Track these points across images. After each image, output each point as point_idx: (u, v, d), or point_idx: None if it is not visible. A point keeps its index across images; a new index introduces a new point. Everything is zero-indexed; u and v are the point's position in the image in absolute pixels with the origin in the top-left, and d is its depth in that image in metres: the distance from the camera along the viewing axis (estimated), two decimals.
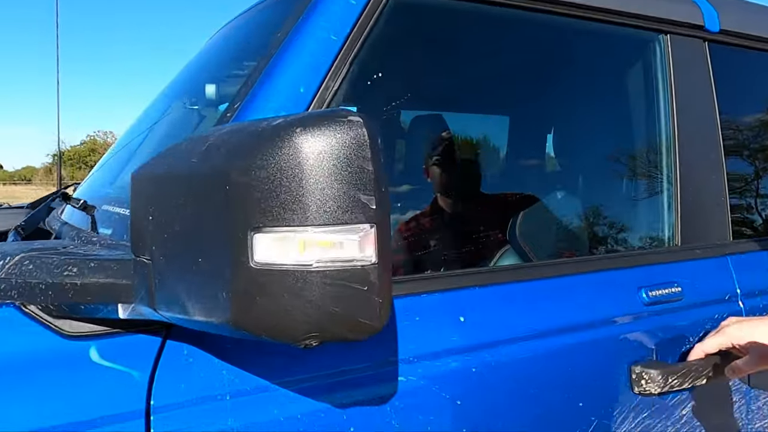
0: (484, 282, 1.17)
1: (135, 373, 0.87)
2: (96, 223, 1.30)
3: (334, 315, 0.61)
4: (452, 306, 1.10)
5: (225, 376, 0.91)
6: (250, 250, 0.61)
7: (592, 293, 1.31)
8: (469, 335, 1.11)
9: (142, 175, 0.75)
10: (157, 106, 1.94)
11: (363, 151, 0.61)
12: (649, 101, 1.65)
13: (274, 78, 1.09)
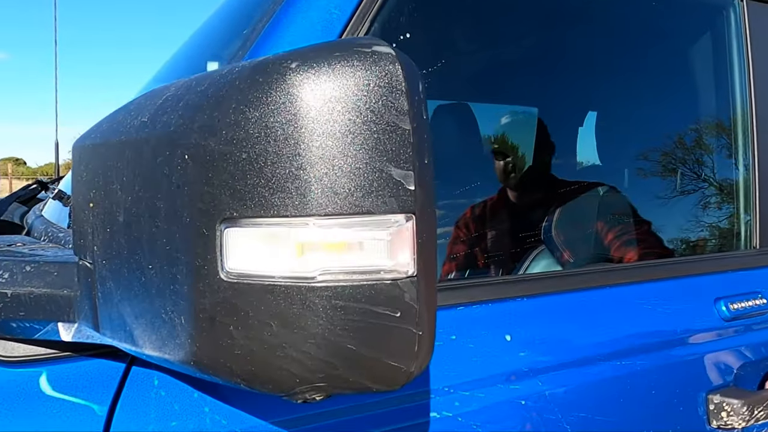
0: (535, 291, 0.95)
1: (92, 410, 0.67)
2: (68, 214, 1.10)
3: (349, 356, 0.39)
4: (496, 321, 0.88)
5: (207, 415, 0.69)
6: (220, 252, 0.39)
7: (660, 306, 1.08)
8: (517, 358, 0.88)
9: (82, 145, 0.54)
10: (152, 85, 1.74)
11: (397, 99, 0.38)
12: (720, 78, 1.40)
13: (276, 35, 0.87)
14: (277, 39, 0.87)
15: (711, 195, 1.42)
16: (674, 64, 1.47)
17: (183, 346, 0.41)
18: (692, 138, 1.42)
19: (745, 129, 1.34)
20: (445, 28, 1.16)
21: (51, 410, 0.65)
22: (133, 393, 0.68)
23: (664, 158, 1.48)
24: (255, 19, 1.04)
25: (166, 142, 0.41)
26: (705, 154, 1.43)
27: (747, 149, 1.33)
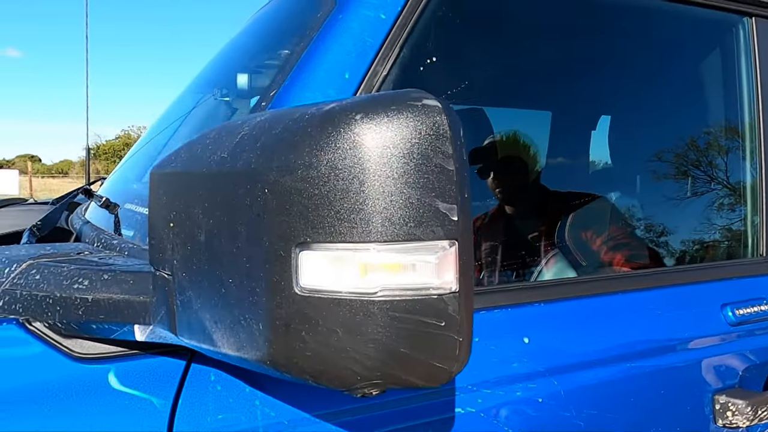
0: (551, 297, 1.02)
1: (156, 402, 0.75)
2: (119, 224, 1.18)
3: (402, 357, 0.47)
4: (515, 325, 0.96)
5: (258, 408, 0.78)
6: (295, 271, 0.47)
7: (669, 312, 1.14)
8: (535, 359, 0.96)
9: (162, 172, 0.62)
10: (185, 97, 1.83)
11: (443, 144, 0.46)
12: (729, 91, 1.46)
13: (314, 62, 0.95)
14: (316, 64, 0.95)
15: (719, 203, 1.48)
16: (686, 77, 1.53)
17: (260, 348, 0.50)
18: (701, 148, 1.48)
19: (753, 140, 1.39)
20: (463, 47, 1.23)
21: (120, 403, 0.74)
22: (193, 387, 0.77)
23: (674, 167, 1.54)
24: (292, 42, 1.13)
25: (247, 177, 0.49)
26: (713, 164, 1.49)
27: (755, 159, 1.39)
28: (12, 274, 0.79)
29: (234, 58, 1.67)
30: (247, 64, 1.65)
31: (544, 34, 1.22)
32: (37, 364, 0.72)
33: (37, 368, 0.71)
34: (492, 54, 1.18)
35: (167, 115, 1.80)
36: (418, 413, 0.85)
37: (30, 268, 0.78)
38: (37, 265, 0.78)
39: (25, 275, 0.78)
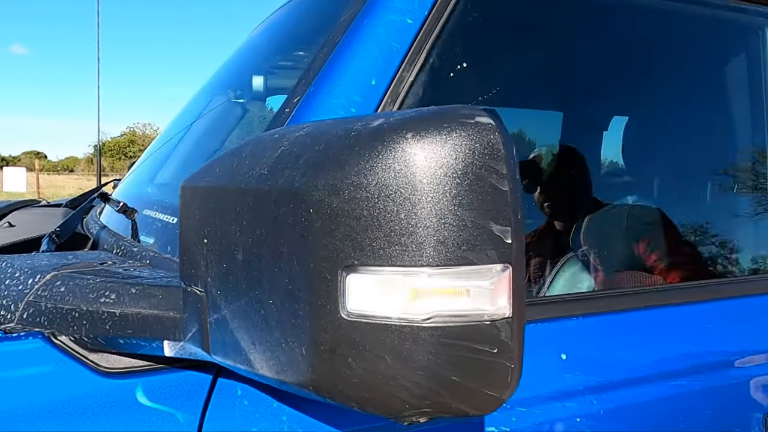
0: (589, 310, 0.96)
1: (181, 417, 0.74)
2: (137, 230, 1.17)
3: (453, 385, 0.45)
4: (552, 339, 0.91)
5: (285, 423, 0.76)
6: (342, 295, 0.45)
7: (720, 327, 1.07)
8: (573, 376, 0.90)
9: (193, 186, 0.60)
10: (200, 99, 1.81)
11: (497, 164, 0.44)
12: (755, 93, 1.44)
13: (340, 68, 0.93)
14: (343, 70, 0.93)
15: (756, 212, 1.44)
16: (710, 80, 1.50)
17: (303, 372, 0.48)
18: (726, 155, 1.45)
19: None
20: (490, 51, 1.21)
21: (148, 418, 0.72)
22: (220, 402, 0.75)
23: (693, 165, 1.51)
24: (315, 47, 1.11)
25: (290, 196, 0.47)
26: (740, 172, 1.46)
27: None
28: (36, 285, 0.78)
29: (251, 61, 1.66)
30: (265, 67, 1.63)
31: (572, 37, 1.20)
32: (64, 378, 0.70)
33: (64, 383, 0.70)
34: (519, 57, 1.16)
35: (182, 117, 1.79)
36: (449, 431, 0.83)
37: (54, 279, 0.77)
38: (62, 277, 0.77)
39: (50, 287, 0.76)
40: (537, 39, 1.16)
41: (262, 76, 1.72)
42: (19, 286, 0.80)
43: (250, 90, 1.71)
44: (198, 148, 1.50)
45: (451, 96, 1.05)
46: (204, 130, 1.60)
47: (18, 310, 0.77)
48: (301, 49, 1.38)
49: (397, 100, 0.92)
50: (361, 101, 0.91)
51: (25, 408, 0.68)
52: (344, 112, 0.90)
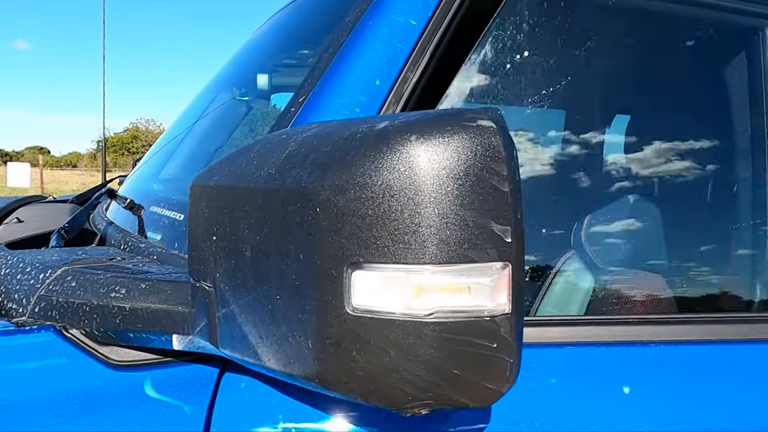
0: (666, 337, 0.80)
1: (191, 410, 0.76)
2: (144, 226, 1.19)
3: (454, 378, 0.47)
4: (611, 368, 0.77)
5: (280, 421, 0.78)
6: (347, 291, 0.47)
7: None
8: (637, 417, 0.74)
9: (203, 185, 0.62)
10: (205, 96, 1.83)
11: (498, 166, 0.46)
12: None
13: (345, 68, 0.95)
14: (348, 70, 0.95)
15: None
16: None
17: (309, 365, 0.50)
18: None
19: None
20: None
21: (156, 410, 0.74)
22: (226, 395, 0.77)
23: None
24: (319, 46, 1.12)
25: (297, 195, 0.49)
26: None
27: None
28: (47, 280, 0.80)
29: (256, 59, 1.67)
30: (270, 66, 1.65)
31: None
32: (75, 370, 0.72)
33: (75, 375, 0.72)
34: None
35: (187, 114, 1.81)
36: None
37: (65, 274, 0.79)
38: (72, 272, 0.79)
39: (61, 282, 0.78)
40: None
41: (267, 74, 1.74)
42: (30, 280, 0.82)
43: (254, 88, 1.73)
44: (203, 145, 1.52)
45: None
46: (209, 128, 1.62)
47: (30, 304, 0.79)
48: (305, 48, 1.39)
49: (401, 100, 0.94)
50: (366, 101, 0.92)
51: (37, 398, 0.70)
52: (349, 111, 0.91)
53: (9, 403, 0.69)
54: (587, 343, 0.76)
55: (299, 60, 1.49)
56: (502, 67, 1.12)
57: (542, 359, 0.73)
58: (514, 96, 1.21)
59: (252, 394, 0.77)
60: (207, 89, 1.84)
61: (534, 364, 0.71)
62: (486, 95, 1.10)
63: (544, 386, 0.71)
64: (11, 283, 0.86)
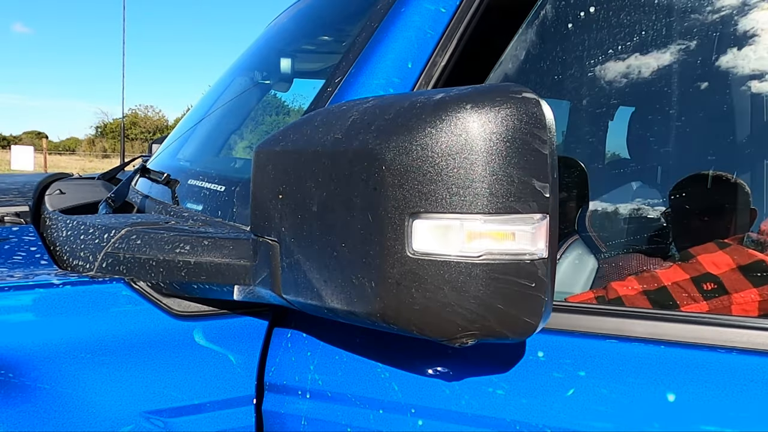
0: (733, 342, 0.69)
1: (243, 358, 0.84)
2: (180, 198, 1.27)
3: (498, 312, 0.55)
4: (654, 366, 0.69)
5: (311, 372, 0.86)
6: (408, 237, 0.55)
7: None
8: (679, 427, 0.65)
9: (268, 150, 0.70)
10: (226, 80, 1.90)
11: (540, 132, 0.54)
12: None
13: (380, 51, 1.03)
14: (383, 53, 1.03)
15: None
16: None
17: (371, 303, 0.58)
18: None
19: None
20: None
21: (216, 356, 0.82)
22: (278, 345, 0.85)
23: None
24: (350, 32, 1.20)
25: (364, 155, 0.57)
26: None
27: None
28: (112, 239, 0.88)
29: (279, 44, 1.74)
30: (294, 50, 1.72)
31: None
32: (143, 318, 0.81)
33: (143, 322, 0.80)
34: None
35: (210, 97, 1.88)
36: None
37: (129, 233, 0.87)
38: (136, 231, 0.87)
39: (126, 240, 0.86)
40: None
41: (290, 59, 1.81)
42: (95, 240, 0.90)
43: (278, 72, 1.80)
44: (233, 126, 1.59)
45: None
46: (237, 110, 1.70)
47: (96, 260, 0.87)
48: (330, 35, 1.47)
49: (431, 82, 1.02)
50: (399, 82, 1.00)
51: (108, 341, 0.78)
52: (383, 91, 0.99)
53: (85, 344, 0.77)
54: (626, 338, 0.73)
55: (324, 46, 1.56)
56: (524, 54, 1.19)
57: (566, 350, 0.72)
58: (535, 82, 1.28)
59: (301, 344, 0.86)
60: (229, 73, 1.91)
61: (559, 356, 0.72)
62: (509, 79, 1.18)
63: (573, 379, 0.70)
64: (75, 243, 0.94)
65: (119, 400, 0.75)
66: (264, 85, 1.84)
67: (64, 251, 0.95)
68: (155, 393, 0.78)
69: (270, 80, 1.86)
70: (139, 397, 0.77)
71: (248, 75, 1.82)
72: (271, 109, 1.75)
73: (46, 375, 0.73)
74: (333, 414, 0.80)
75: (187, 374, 0.80)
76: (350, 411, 0.79)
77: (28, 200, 1.26)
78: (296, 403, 0.81)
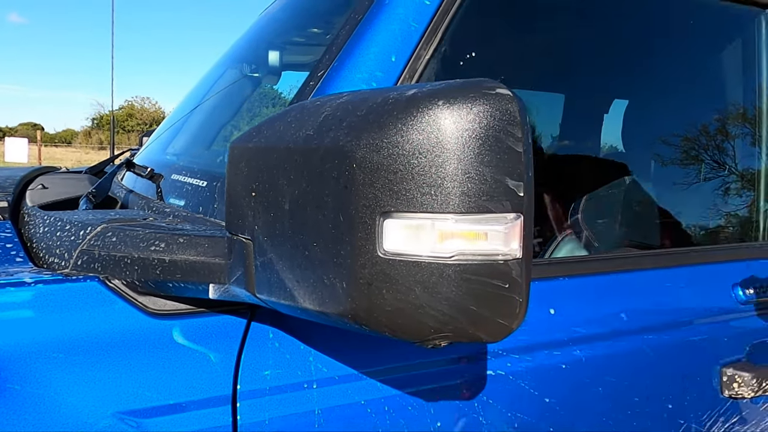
0: (576, 272, 1.10)
1: (221, 357, 0.83)
2: (163, 193, 1.25)
3: (471, 314, 0.54)
4: (542, 297, 1.03)
5: (312, 363, 0.86)
6: (379, 237, 0.54)
7: (684, 289, 1.22)
8: (560, 329, 1.04)
9: (242, 146, 0.69)
10: (216, 71, 1.88)
11: (513, 129, 0.53)
12: (747, 82, 1.52)
13: (363, 45, 1.01)
14: (365, 47, 1.01)
15: (732, 189, 1.54)
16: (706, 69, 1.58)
17: (343, 304, 0.57)
18: (716, 135, 1.54)
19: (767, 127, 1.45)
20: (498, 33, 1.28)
21: (191, 355, 0.81)
22: (254, 343, 0.84)
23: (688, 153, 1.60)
24: (335, 24, 1.18)
25: (335, 153, 0.56)
26: (728, 151, 1.55)
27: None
28: (88, 236, 0.86)
29: (266, 36, 1.72)
30: (281, 43, 1.70)
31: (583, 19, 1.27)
32: (117, 317, 0.79)
33: (117, 321, 0.79)
34: (528, 39, 1.23)
35: (198, 90, 1.86)
36: (454, 374, 0.93)
37: (105, 230, 0.85)
38: (112, 228, 0.85)
39: (101, 237, 0.85)
40: (546, 21, 1.23)
41: (278, 51, 1.79)
42: (71, 237, 0.89)
43: (266, 65, 1.78)
44: (219, 118, 1.57)
45: (462, 73, 1.13)
46: (222, 102, 1.68)
47: (72, 258, 0.86)
48: (319, 27, 1.45)
49: (414, 76, 1.00)
50: (382, 76, 0.98)
51: (82, 340, 0.76)
52: (366, 85, 0.98)
53: (58, 343, 0.76)
54: None
55: (312, 38, 1.54)
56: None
57: None
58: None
59: (280, 343, 0.85)
60: (218, 65, 1.89)
61: None
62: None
63: None
64: (51, 240, 0.93)
65: (92, 401, 0.74)
66: (253, 78, 1.82)
67: (41, 248, 0.94)
68: (129, 393, 0.76)
69: (259, 72, 1.84)
70: (112, 397, 0.76)
71: (237, 67, 1.80)
72: (259, 103, 1.73)
73: (17, 375, 0.72)
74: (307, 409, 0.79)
75: (162, 374, 0.79)
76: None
77: (8, 195, 1.25)
78: (272, 400, 0.80)
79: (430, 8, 1.04)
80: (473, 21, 1.09)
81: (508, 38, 1.21)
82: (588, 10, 1.28)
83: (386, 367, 0.88)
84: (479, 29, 1.10)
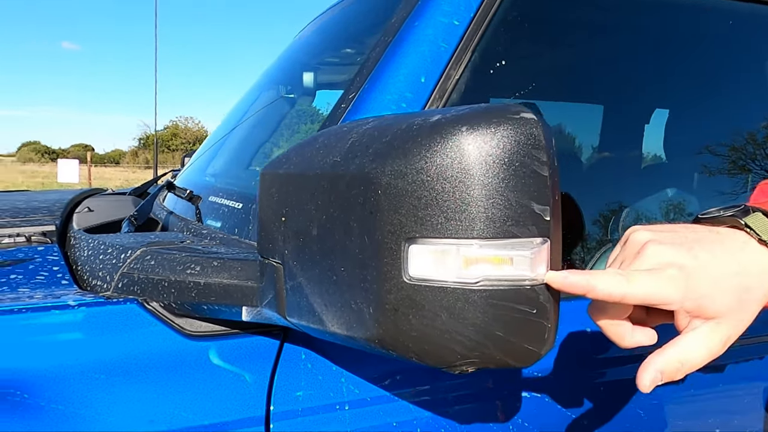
0: None
1: (254, 377, 0.84)
2: (201, 215, 1.28)
3: (498, 339, 0.53)
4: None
5: (344, 384, 0.86)
6: (405, 262, 0.54)
7: None
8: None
9: (273, 172, 0.70)
10: (252, 94, 1.93)
11: (539, 153, 0.52)
12: None
13: (393, 67, 1.02)
14: (395, 69, 1.02)
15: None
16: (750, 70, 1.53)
17: (370, 329, 0.57)
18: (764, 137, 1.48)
19: None
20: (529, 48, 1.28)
21: (226, 376, 0.83)
22: (287, 365, 0.85)
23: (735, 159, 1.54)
24: (366, 46, 1.20)
25: (361, 179, 0.56)
26: None
27: None
28: (128, 259, 0.89)
29: (302, 58, 1.76)
30: (316, 65, 1.73)
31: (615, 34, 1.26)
32: (155, 338, 0.82)
33: (155, 342, 0.81)
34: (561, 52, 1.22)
35: (236, 112, 1.91)
36: (489, 396, 0.91)
37: (144, 254, 0.88)
38: (151, 252, 0.88)
39: (141, 260, 0.88)
40: (575, 36, 1.22)
41: (313, 72, 1.82)
42: (112, 260, 0.92)
43: (300, 85, 1.82)
44: (255, 140, 1.61)
45: (493, 92, 1.13)
46: (259, 124, 1.72)
47: (113, 280, 0.89)
48: (351, 48, 1.47)
49: (444, 96, 1.00)
50: (412, 97, 0.99)
51: (122, 361, 0.79)
52: (396, 107, 0.99)
53: (99, 364, 0.78)
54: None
55: (345, 59, 1.57)
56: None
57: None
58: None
59: (313, 365, 0.86)
60: (254, 88, 1.94)
61: None
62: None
63: None
64: (94, 263, 0.96)
65: (131, 421, 0.76)
66: (288, 99, 1.86)
67: (85, 271, 0.98)
68: (167, 413, 0.78)
69: (294, 94, 1.88)
70: (150, 417, 0.78)
71: (272, 89, 1.84)
72: (295, 123, 1.76)
73: (60, 395, 0.74)
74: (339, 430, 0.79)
75: (198, 394, 0.80)
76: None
77: (56, 219, 1.30)
78: (305, 422, 0.81)
79: (459, 28, 1.04)
80: (503, 38, 1.09)
81: (539, 53, 1.21)
82: (624, 21, 1.27)
83: (418, 389, 0.88)
84: (509, 46, 1.10)
